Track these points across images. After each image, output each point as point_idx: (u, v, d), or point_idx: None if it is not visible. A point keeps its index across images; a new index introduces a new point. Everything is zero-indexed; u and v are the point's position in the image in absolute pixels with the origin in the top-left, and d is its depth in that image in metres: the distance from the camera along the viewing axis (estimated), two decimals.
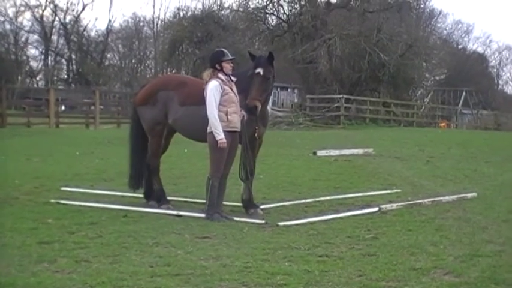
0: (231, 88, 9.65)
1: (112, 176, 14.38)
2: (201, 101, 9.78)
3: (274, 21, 51.27)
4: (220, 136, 9.42)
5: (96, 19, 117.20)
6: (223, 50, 10.16)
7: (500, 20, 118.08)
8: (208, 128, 9.59)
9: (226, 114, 9.55)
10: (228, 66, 9.78)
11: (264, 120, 10.28)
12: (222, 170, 9.70)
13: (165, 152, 11.19)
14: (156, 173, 10.79)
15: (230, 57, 9.87)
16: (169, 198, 10.77)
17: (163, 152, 11.07)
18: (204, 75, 9.82)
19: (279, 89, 53.09)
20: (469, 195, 11.99)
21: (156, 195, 10.72)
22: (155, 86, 10.90)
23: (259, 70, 9.91)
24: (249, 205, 10.23)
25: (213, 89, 9.54)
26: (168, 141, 11.11)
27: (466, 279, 6.46)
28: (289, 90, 54.08)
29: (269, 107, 10.38)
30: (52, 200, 10.78)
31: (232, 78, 9.81)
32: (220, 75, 9.67)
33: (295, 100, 51.67)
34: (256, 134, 10.01)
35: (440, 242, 8.11)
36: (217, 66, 9.73)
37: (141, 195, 11.05)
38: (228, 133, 9.55)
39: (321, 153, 20.06)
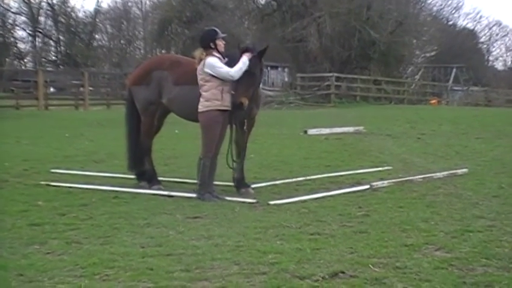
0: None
1: (102, 157, 14.35)
2: (195, 80, 9.72)
3: (264, 0, 51.14)
4: (245, 62, 9.38)
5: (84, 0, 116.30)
6: (215, 28, 10.06)
7: None
8: (201, 107, 9.54)
9: (222, 92, 9.49)
10: (221, 44, 9.72)
11: (256, 101, 10.23)
12: (214, 149, 9.68)
13: (158, 132, 11.15)
14: (148, 154, 10.76)
15: (222, 35, 9.79)
16: (160, 178, 10.75)
17: (156, 132, 11.03)
18: (197, 54, 9.69)
19: (269, 68, 52.89)
20: (460, 171, 12.02)
21: (147, 176, 10.70)
22: (149, 66, 10.86)
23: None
24: (240, 184, 10.22)
25: (217, 61, 9.46)
26: (162, 121, 11.06)
27: (457, 255, 6.48)
28: (279, 69, 53.96)
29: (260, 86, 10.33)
30: (42, 182, 10.74)
31: (224, 58, 9.75)
32: (215, 53, 9.60)
33: (286, 79, 51.60)
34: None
35: (431, 218, 8.13)
36: (211, 44, 9.60)
37: (132, 177, 11.03)
38: (220, 112, 9.51)
39: (312, 131, 20.07)
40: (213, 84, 9.49)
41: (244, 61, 9.48)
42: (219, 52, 9.65)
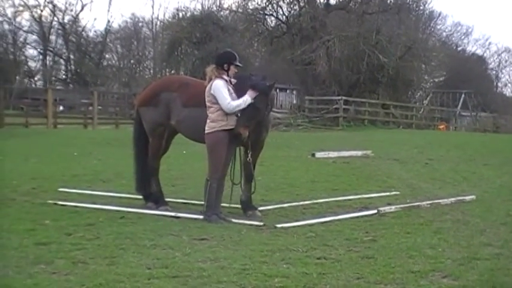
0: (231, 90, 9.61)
1: (110, 177, 14.36)
2: (203, 102, 9.74)
3: (273, 22, 51.35)
4: (246, 101, 9.38)
5: (94, 19, 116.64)
6: (234, 53, 10.00)
7: (499, 22, 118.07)
8: (207, 128, 9.54)
9: (226, 114, 9.51)
10: (234, 71, 9.72)
11: (266, 125, 10.26)
12: (221, 171, 9.67)
13: (165, 153, 11.16)
14: (155, 174, 10.78)
15: (238, 63, 9.80)
16: (167, 199, 10.75)
17: (163, 153, 11.05)
18: (208, 70, 9.67)
19: (277, 90, 52.98)
20: (468, 197, 11.98)
21: (154, 197, 10.70)
22: (157, 87, 10.88)
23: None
24: (247, 207, 10.21)
25: (223, 86, 9.44)
26: (169, 142, 11.08)
27: (464, 283, 6.44)
28: (288, 91, 54.01)
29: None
30: (50, 201, 10.75)
31: (232, 80, 9.77)
32: (224, 76, 9.62)
33: (294, 101, 51.63)
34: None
35: (438, 245, 8.09)
36: (225, 66, 9.62)
37: (139, 197, 11.04)
38: (226, 132, 9.51)
39: (320, 154, 20.05)
40: (219, 106, 9.48)
41: (245, 100, 9.45)
42: (227, 76, 9.66)
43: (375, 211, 10.44)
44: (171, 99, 10.41)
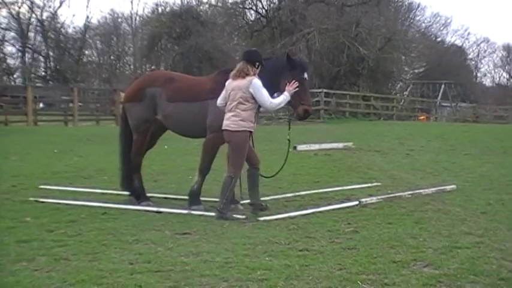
0: None
1: (91, 173, 14.32)
2: (190, 97, 9.97)
3: (253, 16, 51.39)
4: (286, 99, 9.63)
5: (73, 15, 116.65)
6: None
7: (478, 12, 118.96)
8: (235, 126, 9.34)
9: (256, 115, 9.63)
10: (256, 71, 9.60)
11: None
12: (240, 170, 9.70)
13: (151, 148, 11.13)
14: (138, 170, 10.75)
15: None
16: (149, 194, 10.74)
17: (148, 148, 11.03)
18: (243, 67, 9.45)
19: None
20: (448, 187, 12.07)
21: (135, 192, 10.68)
22: (142, 82, 10.84)
23: (306, 75, 10.08)
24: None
25: (262, 85, 9.40)
26: (156, 138, 11.09)
27: (445, 271, 6.49)
28: None
29: None
30: (31, 199, 10.70)
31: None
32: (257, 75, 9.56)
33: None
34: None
35: (419, 235, 8.15)
36: (256, 64, 9.55)
37: (121, 193, 11.02)
38: (249, 134, 9.53)
39: (301, 147, 20.08)
40: (251, 106, 9.39)
41: (285, 98, 9.61)
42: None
43: (357, 202, 10.49)
44: (156, 94, 10.39)
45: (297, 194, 11.49)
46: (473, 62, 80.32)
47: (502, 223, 8.87)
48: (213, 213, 9.48)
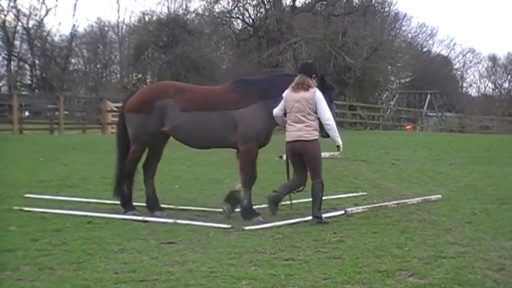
0: None
1: (77, 182, 14.26)
2: (207, 107, 10.10)
3: (240, 25, 51.44)
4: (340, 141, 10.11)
5: (59, 24, 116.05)
6: None
7: (463, 23, 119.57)
8: (309, 136, 9.81)
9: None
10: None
11: None
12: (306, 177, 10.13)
13: (158, 161, 10.98)
14: (130, 179, 10.57)
15: None
16: (135, 203, 10.69)
17: (157, 161, 10.90)
18: (305, 79, 9.86)
19: None
20: (434, 197, 12.11)
21: (122, 200, 10.60)
22: (151, 94, 10.55)
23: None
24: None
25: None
26: (162, 151, 10.91)
27: (430, 281, 6.51)
28: None
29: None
30: (15, 207, 10.63)
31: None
32: None
33: None
34: None
35: (405, 244, 8.17)
36: (314, 77, 10.01)
37: (107, 201, 10.98)
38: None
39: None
40: (316, 116, 9.85)
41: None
42: None
43: (342, 212, 10.51)
44: (167, 105, 10.20)
45: (283, 203, 11.45)
46: (459, 72, 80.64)
47: (486, 233, 8.91)
48: (200, 222, 9.49)
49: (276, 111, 9.98)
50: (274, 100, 10.05)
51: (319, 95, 9.78)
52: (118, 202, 10.73)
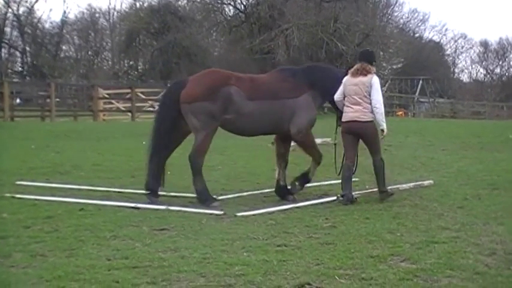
0: None
1: (68, 169, 14.22)
2: (272, 95, 10.40)
3: (232, 11, 51.37)
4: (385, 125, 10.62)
5: (50, 10, 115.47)
6: None
7: (455, 8, 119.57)
8: (367, 118, 10.40)
9: None
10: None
11: None
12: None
13: (178, 145, 10.85)
14: (200, 172, 10.27)
15: None
16: (127, 190, 10.67)
17: (177, 145, 10.78)
18: (365, 66, 10.56)
19: None
20: (426, 182, 12.13)
21: (200, 196, 10.19)
22: (215, 81, 10.34)
23: None
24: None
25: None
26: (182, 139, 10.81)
27: (422, 266, 6.53)
28: None
29: None
30: (7, 195, 10.59)
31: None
32: None
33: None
34: None
35: (397, 230, 8.19)
36: (374, 64, 10.75)
37: (98, 188, 10.96)
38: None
39: None
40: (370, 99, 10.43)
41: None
42: None
43: (335, 198, 10.52)
44: (232, 93, 10.16)
45: (310, 185, 11.51)
46: (451, 58, 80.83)
47: (478, 218, 8.94)
48: (192, 209, 9.50)
49: (337, 96, 10.72)
50: (319, 92, 10.93)
51: (375, 80, 10.48)
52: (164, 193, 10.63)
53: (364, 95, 10.38)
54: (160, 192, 10.50)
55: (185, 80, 10.69)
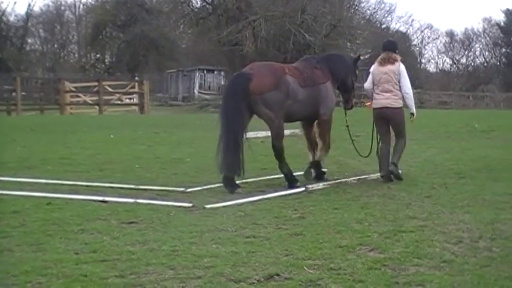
0: None
1: (35, 163, 14.08)
2: (313, 82, 11.27)
3: (199, 3, 51.18)
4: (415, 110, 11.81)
5: (15, 3, 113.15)
6: None
7: None
8: (397, 104, 11.40)
9: None
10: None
11: None
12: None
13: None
14: (284, 158, 11.22)
15: None
16: (95, 184, 10.59)
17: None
18: (391, 55, 11.56)
19: (205, 72, 52.86)
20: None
21: (287, 179, 11.06)
22: (277, 71, 10.99)
23: None
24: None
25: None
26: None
27: (390, 255, 6.58)
28: (215, 72, 53.95)
29: (196, 90, 11.02)
30: None
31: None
32: None
33: (222, 82, 51.60)
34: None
35: (365, 220, 8.24)
36: (397, 52, 11.65)
37: (65, 182, 10.87)
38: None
39: (249, 135, 19.87)
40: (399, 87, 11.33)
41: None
42: None
43: (303, 188, 10.55)
44: (290, 81, 10.93)
45: (244, 181, 11.46)
46: (418, 48, 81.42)
47: (445, 206, 9.02)
48: (161, 202, 9.47)
49: (367, 85, 11.86)
50: (335, 78, 11.92)
51: (403, 67, 11.40)
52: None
53: (395, 82, 11.29)
54: (127, 186, 10.45)
55: (247, 72, 11.01)
